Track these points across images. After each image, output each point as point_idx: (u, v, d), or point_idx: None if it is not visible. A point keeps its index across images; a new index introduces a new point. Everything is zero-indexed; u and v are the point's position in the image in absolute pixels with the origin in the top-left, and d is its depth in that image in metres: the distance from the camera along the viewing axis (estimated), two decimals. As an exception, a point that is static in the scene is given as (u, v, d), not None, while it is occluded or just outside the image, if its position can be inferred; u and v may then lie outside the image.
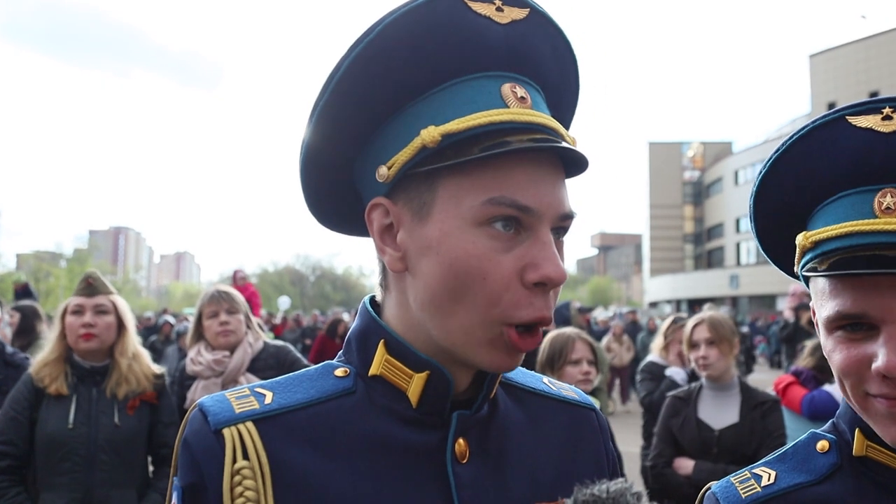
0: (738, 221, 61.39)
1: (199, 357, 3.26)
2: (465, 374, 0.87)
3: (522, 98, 0.82)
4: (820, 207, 1.01)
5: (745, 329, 17.19)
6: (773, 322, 24.98)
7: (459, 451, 0.84)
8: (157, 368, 3.06)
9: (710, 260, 70.28)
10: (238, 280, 10.34)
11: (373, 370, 0.86)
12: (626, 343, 13.47)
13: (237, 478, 0.77)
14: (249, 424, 0.79)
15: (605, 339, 13.14)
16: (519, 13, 0.83)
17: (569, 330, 3.31)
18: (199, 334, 3.34)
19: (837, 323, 0.95)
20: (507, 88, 0.82)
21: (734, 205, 61.74)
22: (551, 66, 0.88)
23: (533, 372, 1.05)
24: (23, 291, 10.06)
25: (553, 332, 3.30)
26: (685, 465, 3.32)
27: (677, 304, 57.62)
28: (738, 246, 61.58)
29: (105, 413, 2.78)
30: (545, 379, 1.04)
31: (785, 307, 10.93)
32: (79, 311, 2.87)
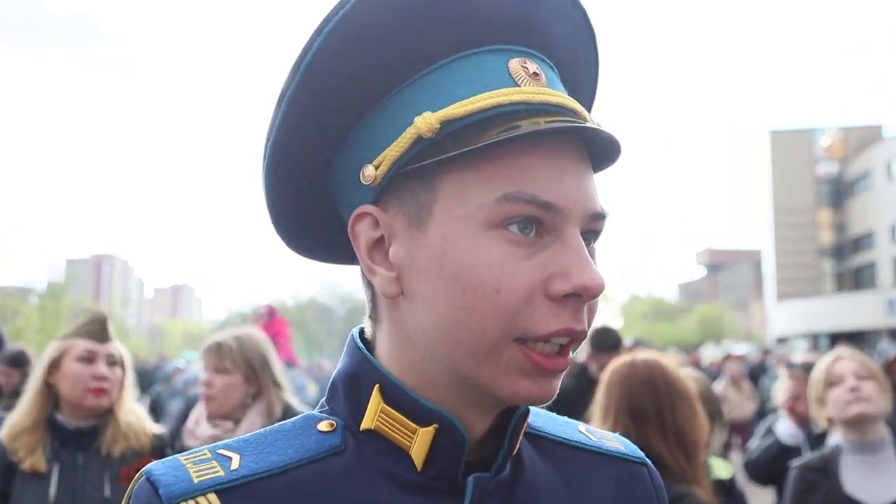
0: (894, 228, 59.59)
1: (196, 429, 3.22)
2: (482, 417, 0.87)
3: (535, 74, 0.83)
4: None
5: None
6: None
7: None
8: (157, 428, 3.13)
9: (857, 279, 68.38)
10: (258, 317, 10.07)
11: (365, 423, 0.85)
12: (747, 390, 13.18)
13: None
14: (212, 497, 0.79)
15: (721, 386, 12.89)
16: None
17: None
18: None
19: None
20: (515, 64, 0.83)
21: (888, 206, 60.02)
22: (565, 38, 0.89)
23: (567, 419, 1.05)
24: None
25: None
26: None
27: (814, 338, 56.08)
28: (895, 260, 59.73)
29: (93, 483, 2.84)
30: (582, 427, 1.04)
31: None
32: (89, 358, 2.94)
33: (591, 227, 0.84)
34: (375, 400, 0.85)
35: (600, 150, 0.86)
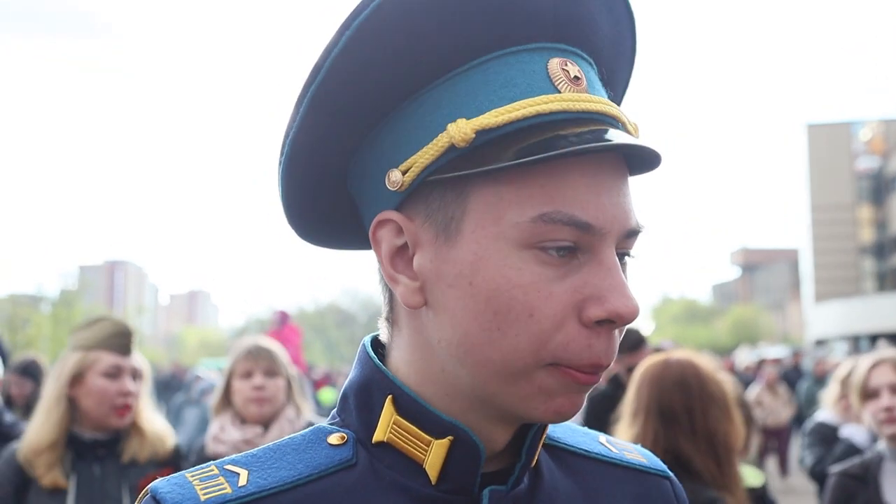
0: (936, 225, 58.88)
1: (223, 434, 3.27)
2: (503, 429, 0.86)
3: (576, 78, 0.82)
4: None
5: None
6: None
7: None
8: (174, 438, 3.17)
9: (899, 279, 67.60)
10: (273, 324, 10.21)
11: (378, 436, 0.86)
12: (784, 395, 13.11)
13: None
14: None
15: (756, 391, 12.83)
16: None
17: None
18: (228, 400, 3.39)
19: None
20: (555, 65, 0.82)
21: (930, 202, 59.30)
22: (606, 32, 0.89)
23: (587, 429, 1.05)
24: None
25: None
26: None
27: (854, 341, 55.52)
28: (938, 259, 59.04)
29: (111, 497, 2.86)
30: (602, 437, 1.05)
31: None
32: (115, 374, 2.93)
33: (625, 244, 0.83)
34: (388, 411, 0.85)
35: (640, 160, 0.85)
